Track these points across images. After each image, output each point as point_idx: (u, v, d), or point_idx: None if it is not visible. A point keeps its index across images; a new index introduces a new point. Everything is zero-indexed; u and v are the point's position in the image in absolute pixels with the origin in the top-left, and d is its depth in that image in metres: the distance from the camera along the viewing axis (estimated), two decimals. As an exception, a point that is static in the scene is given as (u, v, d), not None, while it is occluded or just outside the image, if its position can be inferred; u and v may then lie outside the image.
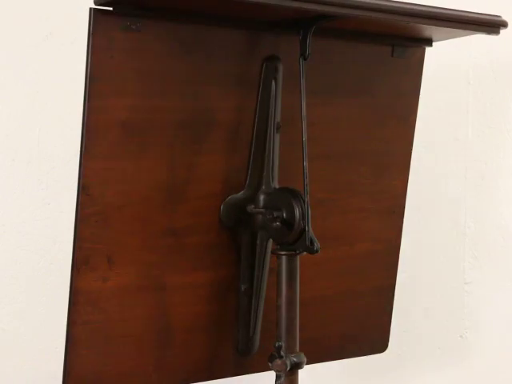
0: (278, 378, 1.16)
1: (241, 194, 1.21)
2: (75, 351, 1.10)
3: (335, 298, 1.35)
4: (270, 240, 1.22)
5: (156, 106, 1.09)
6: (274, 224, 1.16)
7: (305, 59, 1.12)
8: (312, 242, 1.13)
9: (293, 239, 1.15)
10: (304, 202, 1.14)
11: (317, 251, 1.13)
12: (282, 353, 1.16)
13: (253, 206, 1.21)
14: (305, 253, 1.15)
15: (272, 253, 1.19)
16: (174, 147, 1.12)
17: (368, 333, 1.44)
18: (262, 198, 1.21)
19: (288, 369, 1.16)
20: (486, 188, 1.87)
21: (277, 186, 1.21)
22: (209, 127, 1.14)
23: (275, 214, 1.16)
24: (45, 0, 1.56)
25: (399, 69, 1.31)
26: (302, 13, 1.07)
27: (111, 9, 1.00)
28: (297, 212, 1.14)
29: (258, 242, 1.23)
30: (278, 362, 1.16)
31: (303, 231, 1.14)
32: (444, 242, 2.10)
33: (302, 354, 1.19)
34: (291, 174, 1.22)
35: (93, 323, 1.11)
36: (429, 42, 1.31)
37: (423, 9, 1.13)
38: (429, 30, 1.22)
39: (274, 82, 1.18)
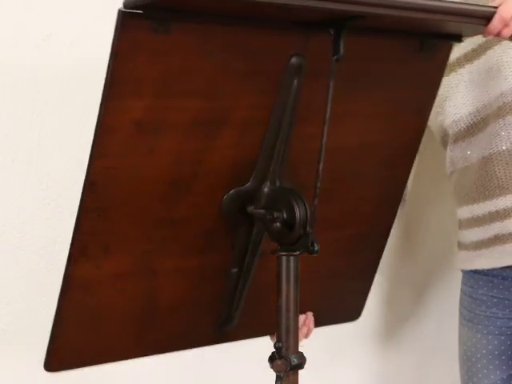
0: (278, 378, 1.16)
1: (244, 187, 1.20)
2: (61, 329, 1.14)
3: (318, 276, 1.36)
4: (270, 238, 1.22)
5: (173, 105, 1.08)
6: (274, 225, 1.16)
7: (337, 60, 1.10)
8: (312, 243, 1.13)
9: (293, 240, 1.15)
10: (304, 203, 1.14)
11: (317, 252, 1.13)
12: (282, 353, 1.16)
13: (253, 207, 1.21)
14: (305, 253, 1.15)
15: (272, 253, 1.19)
16: (184, 144, 1.12)
17: (345, 304, 1.47)
18: (264, 193, 1.20)
19: (288, 369, 1.16)
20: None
21: (282, 183, 1.21)
22: (223, 124, 1.13)
23: (275, 215, 1.16)
24: (45, 0, 1.56)
25: (424, 63, 1.30)
26: (334, 13, 1.06)
27: (140, 11, 0.98)
28: (297, 213, 1.14)
29: (254, 230, 1.24)
30: (278, 362, 1.16)
31: (304, 232, 1.14)
32: (444, 242, 2.10)
33: (303, 354, 1.19)
34: (299, 166, 1.22)
35: (82, 305, 1.15)
36: (458, 37, 1.28)
37: (456, 6, 1.11)
38: (459, 25, 1.21)
39: (296, 81, 1.16)
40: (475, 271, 1.64)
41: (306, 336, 1.40)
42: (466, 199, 1.61)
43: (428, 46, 1.27)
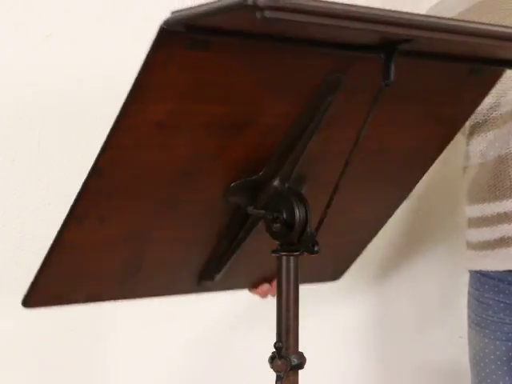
0: (278, 378, 1.16)
1: (253, 178, 1.20)
2: (44, 277, 1.16)
3: None
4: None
5: (197, 109, 1.07)
6: (274, 225, 1.16)
7: (387, 85, 1.05)
8: (313, 244, 1.13)
9: (293, 240, 1.15)
10: (305, 203, 1.14)
11: (317, 253, 1.14)
12: (282, 353, 1.16)
13: (252, 207, 1.21)
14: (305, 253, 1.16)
15: (272, 253, 1.19)
16: (200, 143, 1.12)
17: (328, 266, 1.47)
18: (271, 187, 1.20)
19: (288, 369, 1.16)
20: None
21: (291, 183, 1.20)
22: (245, 128, 1.13)
23: (275, 215, 1.16)
24: (45, 0, 1.56)
25: (470, 85, 1.26)
26: (385, 37, 1.01)
27: (183, 30, 0.94)
28: (297, 214, 1.14)
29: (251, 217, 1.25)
30: (279, 362, 1.16)
31: (304, 232, 1.14)
32: (444, 241, 2.10)
33: (303, 354, 1.19)
34: (318, 167, 1.21)
35: (69, 262, 1.16)
36: (511, 64, 1.23)
37: (507, 31, 1.05)
38: None
39: (330, 97, 1.13)
40: (482, 274, 1.62)
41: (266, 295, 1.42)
42: (477, 197, 1.59)
43: (477, 71, 1.23)
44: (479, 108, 1.51)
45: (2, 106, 1.55)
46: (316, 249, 1.13)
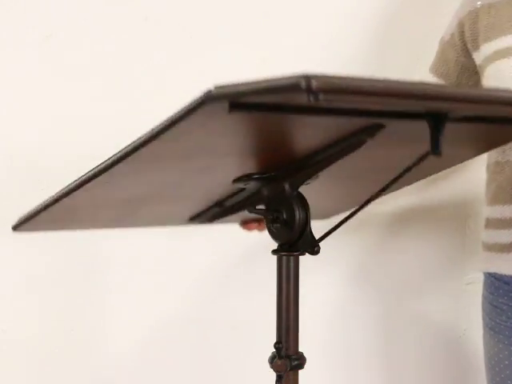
0: (278, 378, 1.17)
1: (265, 175, 1.18)
2: (38, 211, 1.21)
3: None
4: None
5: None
6: (275, 225, 1.16)
7: (435, 155, 1.00)
8: (313, 244, 1.14)
9: (293, 240, 1.15)
10: (305, 204, 1.14)
11: (317, 252, 1.14)
12: (282, 353, 1.16)
13: (252, 207, 1.21)
14: (305, 253, 1.16)
15: (272, 253, 1.19)
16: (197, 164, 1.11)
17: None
18: (272, 185, 1.19)
19: (288, 369, 1.16)
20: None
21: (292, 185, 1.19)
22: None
23: (275, 215, 1.16)
24: (45, 1, 1.57)
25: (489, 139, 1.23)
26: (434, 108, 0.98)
27: (227, 103, 0.87)
28: (297, 214, 1.14)
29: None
30: (279, 362, 1.16)
31: (303, 232, 1.14)
32: (444, 241, 2.10)
33: (303, 354, 1.19)
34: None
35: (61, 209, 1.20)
36: None
37: None
38: None
39: (364, 139, 1.07)
40: (496, 278, 1.60)
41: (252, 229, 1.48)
42: (498, 198, 1.57)
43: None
44: None
45: (2, 106, 1.55)
46: (316, 249, 1.13)
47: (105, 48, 1.63)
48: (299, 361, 1.18)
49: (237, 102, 0.87)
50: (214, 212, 1.32)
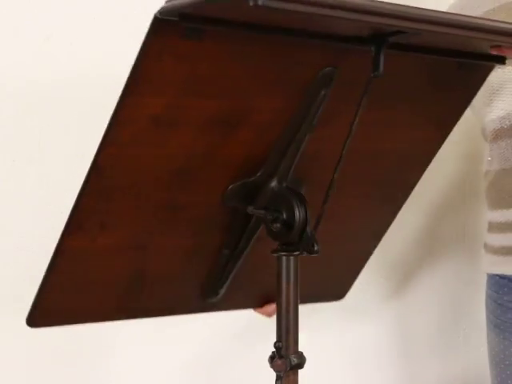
0: (278, 378, 1.17)
1: (251, 179, 1.20)
2: (47, 292, 1.16)
3: (306, 260, 1.36)
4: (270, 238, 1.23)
5: (193, 104, 1.07)
6: (274, 225, 1.16)
7: (375, 77, 1.07)
8: (313, 244, 1.13)
9: (293, 240, 1.15)
10: (305, 203, 1.14)
11: (317, 253, 1.14)
12: (282, 353, 1.16)
13: (252, 207, 1.21)
14: (305, 253, 1.16)
15: (272, 253, 1.19)
16: (197, 140, 1.12)
17: (331, 285, 1.47)
18: (270, 188, 1.20)
19: (288, 369, 1.16)
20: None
21: (288, 182, 1.20)
22: (240, 125, 1.13)
23: (275, 215, 1.16)
24: (45, 1, 1.57)
25: (460, 81, 1.26)
26: (375, 28, 1.03)
27: (176, 19, 0.96)
28: (297, 214, 1.14)
29: (252, 219, 1.24)
30: (278, 362, 1.16)
31: (303, 232, 1.14)
32: (444, 242, 2.10)
33: (303, 354, 1.19)
34: (310, 168, 1.21)
35: (71, 272, 1.17)
36: (502, 59, 1.23)
37: (504, 26, 1.06)
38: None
39: (323, 91, 1.15)
40: (501, 276, 1.61)
41: (271, 315, 1.41)
42: (502, 203, 1.58)
43: (467, 67, 1.23)
44: (505, 113, 1.50)
45: (2, 106, 1.55)
46: (316, 248, 1.13)
47: (105, 49, 1.63)
48: (299, 360, 1.18)
49: (187, 13, 0.94)
50: (225, 258, 1.29)
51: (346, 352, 2.05)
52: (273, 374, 1.17)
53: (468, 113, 1.33)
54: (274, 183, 1.20)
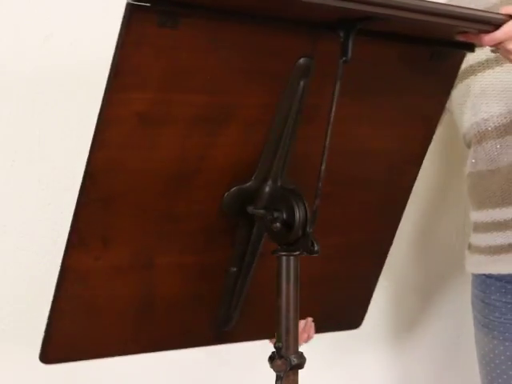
0: (278, 378, 1.16)
1: (246, 185, 1.20)
2: (57, 321, 1.14)
3: (319, 282, 1.36)
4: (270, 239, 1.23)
5: (177, 99, 1.08)
6: (274, 225, 1.16)
7: (345, 62, 1.09)
8: (312, 243, 1.13)
9: (293, 240, 1.15)
10: (304, 203, 1.14)
11: (317, 253, 1.13)
12: (282, 353, 1.16)
13: (253, 207, 1.21)
14: (305, 253, 1.15)
15: (272, 253, 1.19)
16: (187, 139, 1.12)
17: (345, 312, 1.46)
18: (266, 192, 1.20)
19: (288, 369, 1.16)
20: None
21: (283, 183, 1.21)
22: (227, 122, 1.13)
23: (275, 215, 1.16)
24: (45, 0, 1.57)
25: (434, 71, 1.28)
26: (344, 14, 1.05)
27: (148, 4, 0.97)
28: (297, 213, 1.14)
29: (254, 230, 1.24)
30: (278, 362, 1.16)
31: (303, 232, 1.14)
32: (444, 242, 2.10)
33: (303, 354, 1.19)
34: (301, 167, 1.21)
35: (78, 297, 1.15)
36: (471, 46, 1.25)
37: (469, 12, 1.09)
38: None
39: (302, 82, 1.16)
40: (488, 276, 1.61)
41: (306, 341, 1.39)
42: (487, 203, 1.58)
43: (438, 55, 1.25)
44: (489, 115, 1.51)
45: (2, 106, 1.55)
46: (316, 248, 1.13)
47: (105, 48, 1.63)
48: (299, 361, 1.18)
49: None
50: (233, 278, 1.28)
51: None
52: (273, 374, 1.17)
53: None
54: (269, 186, 1.21)
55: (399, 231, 1.43)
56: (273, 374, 1.17)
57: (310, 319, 1.39)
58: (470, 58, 1.50)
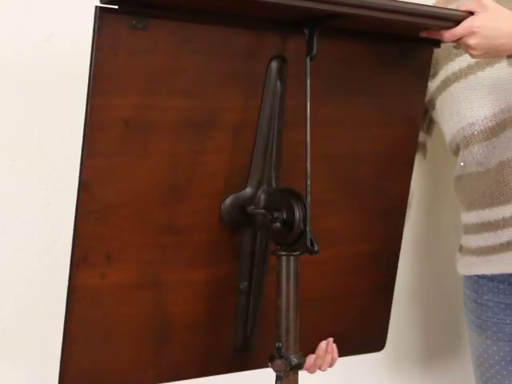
0: (278, 378, 1.17)
1: (242, 193, 1.21)
2: (72, 348, 1.11)
3: (333, 298, 1.35)
4: (270, 239, 1.23)
5: (160, 104, 1.08)
6: (274, 225, 1.16)
7: (311, 59, 1.11)
8: (312, 243, 1.14)
9: (293, 240, 1.15)
10: (304, 203, 1.14)
11: (317, 252, 1.14)
12: (282, 353, 1.17)
13: (253, 207, 1.21)
14: (305, 253, 1.15)
15: (272, 253, 1.19)
16: (176, 146, 1.12)
17: (366, 331, 1.45)
18: (262, 197, 1.21)
19: (288, 369, 1.16)
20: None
21: (278, 186, 1.22)
22: (213, 126, 1.14)
23: (275, 215, 1.16)
24: (45, 0, 1.57)
25: (406, 69, 1.30)
26: (308, 12, 1.06)
27: (117, 7, 0.99)
28: (297, 213, 1.14)
29: (257, 241, 1.24)
30: (278, 362, 1.17)
31: (303, 232, 1.14)
32: (444, 242, 2.10)
33: (302, 354, 1.19)
34: (293, 173, 1.21)
35: (90, 319, 1.13)
36: (437, 43, 1.29)
37: (429, 9, 1.13)
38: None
39: (279, 83, 1.17)
40: (480, 276, 1.62)
41: (331, 365, 1.38)
42: (476, 204, 1.59)
43: (407, 51, 1.28)
44: (474, 119, 1.53)
45: (2, 106, 1.55)
46: (316, 248, 1.13)
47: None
48: (299, 361, 1.18)
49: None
50: (246, 293, 1.27)
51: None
52: (273, 374, 1.17)
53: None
54: (264, 191, 1.21)
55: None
56: (273, 374, 1.17)
57: (330, 340, 1.37)
58: (452, 66, 1.53)
